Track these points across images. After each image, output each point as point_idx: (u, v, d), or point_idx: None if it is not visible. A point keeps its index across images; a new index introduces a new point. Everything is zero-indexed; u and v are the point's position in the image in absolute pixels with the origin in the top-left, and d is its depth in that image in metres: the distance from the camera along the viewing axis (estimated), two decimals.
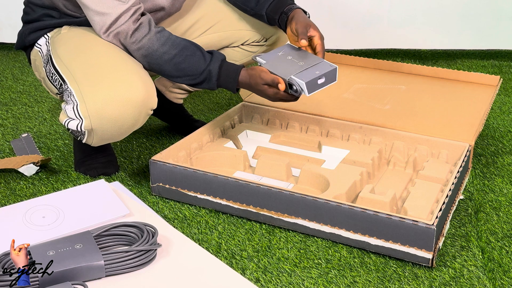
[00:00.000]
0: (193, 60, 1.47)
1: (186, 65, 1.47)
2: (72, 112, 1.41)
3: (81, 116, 1.40)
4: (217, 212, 1.48)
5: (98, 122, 1.39)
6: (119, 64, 1.43)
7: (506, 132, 1.94)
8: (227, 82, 1.50)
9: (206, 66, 1.48)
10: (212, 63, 1.48)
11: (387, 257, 1.32)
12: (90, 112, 1.39)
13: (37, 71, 1.62)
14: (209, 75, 1.48)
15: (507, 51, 2.69)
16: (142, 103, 1.41)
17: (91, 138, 1.44)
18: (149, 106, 1.44)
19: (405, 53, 2.73)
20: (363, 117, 1.75)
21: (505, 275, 1.27)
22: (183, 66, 1.47)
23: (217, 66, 1.48)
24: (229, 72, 1.49)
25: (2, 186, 1.59)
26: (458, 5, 2.60)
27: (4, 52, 2.74)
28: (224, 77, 1.49)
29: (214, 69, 1.48)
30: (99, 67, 1.43)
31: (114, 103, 1.38)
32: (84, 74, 1.43)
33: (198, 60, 1.48)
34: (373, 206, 1.36)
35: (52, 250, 1.19)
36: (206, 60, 1.48)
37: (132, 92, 1.39)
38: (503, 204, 1.53)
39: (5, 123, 1.98)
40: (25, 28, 1.60)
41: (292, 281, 1.24)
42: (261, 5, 1.64)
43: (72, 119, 1.41)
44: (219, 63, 1.49)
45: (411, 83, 2.01)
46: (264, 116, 1.83)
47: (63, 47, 1.51)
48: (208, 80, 1.49)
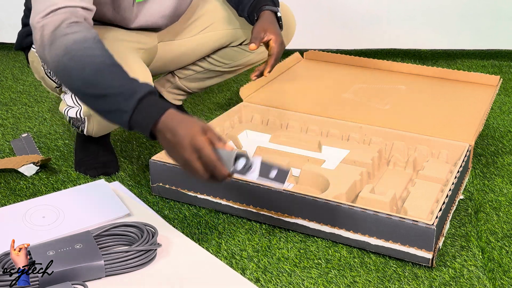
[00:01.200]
0: (113, 73, 1.17)
1: (101, 78, 1.16)
2: (71, 100, 1.41)
3: (79, 102, 1.39)
4: (217, 212, 1.48)
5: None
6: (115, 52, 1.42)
7: (506, 132, 1.94)
8: (144, 117, 1.14)
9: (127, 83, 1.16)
10: (138, 86, 1.16)
11: (387, 257, 1.32)
12: None
13: (36, 71, 1.62)
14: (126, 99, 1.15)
15: (507, 51, 2.69)
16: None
17: (91, 125, 1.43)
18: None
19: (405, 53, 2.73)
20: (363, 117, 1.75)
21: (505, 275, 1.27)
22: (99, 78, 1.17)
23: (143, 91, 1.15)
24: (152, 105, 1.15)
25: (2, 186, 1.59)
26: (458, 5, 2.60)
27: (4, 52, 2.74)
28: (145, 108, 1.14)
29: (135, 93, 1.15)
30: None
31: None
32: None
33: (119, 76, 1.17)
34: (373, 206, 1.36)
35: (52, 250, 1.19)
36: (130, 81, 1.18)
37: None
38: (503, 204, 1.53)
39: (5, 123, 1.98)
40: (23, 30, 1.60)
41: (292, 281, 1.24)
42: (243, 6, 1.63)
43: (71, 107, 1.42)
44: (147, 89, 1.15)
45: (411, 83, 2.01)
46: (264, 116, 1.83)
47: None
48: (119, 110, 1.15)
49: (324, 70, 2.13)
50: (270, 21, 1.54)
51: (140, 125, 1.14)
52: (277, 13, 1.58)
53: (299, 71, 2.12)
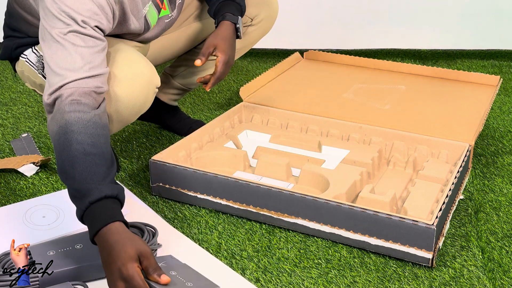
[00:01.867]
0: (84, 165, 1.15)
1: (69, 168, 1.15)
2: None
3: None
4: (217, 212, 1.48)
5: (111, 104, 1.37)
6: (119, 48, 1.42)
7: (506, 132, 1.94)
8: (93, 218, 1.12)
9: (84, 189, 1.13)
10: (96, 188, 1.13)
11: (387, 257, 1.32)
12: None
13: (28, 81, 1.56)
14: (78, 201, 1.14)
15: (507, 51, 2.69)
16: (149, 80, 1.42)
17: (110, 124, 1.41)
18: (154, 83, 1.44)
19: (405, 53, 2.73)
20: (363, 117, 1.75)
21: (505, 275, 1.27)
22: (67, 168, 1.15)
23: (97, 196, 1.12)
24: (104, 210, 1.12)
25: (2, 186, 1.59)
26: (458, 5, 2.60)
27: None
28: (93, 214, 1.12)
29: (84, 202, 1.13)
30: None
31: (123, 83, 1.38)
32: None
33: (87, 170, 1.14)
34: (373, 206, 1.36)
35: (52, 250, 1.19)
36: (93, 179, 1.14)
37: (138, 70, 1.40)
38: (503, 204, 1.53)
39: (5, 123, 1.98)
40: (12, 43, 1.55)
41: (292, 281, 1.24)
42: (210, 7, 1.64)
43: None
44: (103, 194, 1.12)
45: (411, 83, 2.01)
46: (264, 116, 1.83)
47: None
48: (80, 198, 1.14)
49: (324, 70, 2.13)
50: (224, 36, 1.55)
51: (89, 227, 1.12)
52: (236, 24, 1.58)
53: (299, 71, 2.12)
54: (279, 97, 1.89)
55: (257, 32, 1.81)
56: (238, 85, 2.33)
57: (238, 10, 1.61)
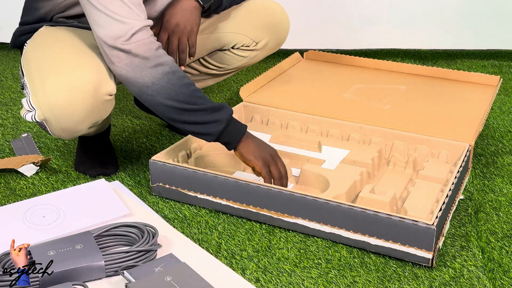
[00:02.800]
0: (203, 95, 1.42)
1: (201, 95, 1.41)
2: (27, 104, 1.40)
3: (34, 106, 1.38)
4: (217, 212, 1.48)
5: (48, 112, 1.37)
6: (72, 54, 1.41)
7: (506, 132, 1.94)
8: (233, 132, 1.44)
9: (218, 105, 1.43)
10: (224, 108, 1.43)
11: (387, 257, 1.32)
12: (40, 102, 1.37)
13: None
14: (219, 115, 1.42)
15: (507, 51, 2.69)
16: (92, 90, 1.37)
17: (52, 128, 1.41)
18: (103, 92, 1.40)
19: (405, 53, 2.73)
20: (363, 117, 1.75)
21: (505, 275, 1.27)
22: (198, 95, 1.41)
23: (229, 113, 1.43)
24: (237, 125, 1.45)
25: (2, 186, 1.59)
26: (458, 5, 2.60)
27: (4, 52, 2.74)
28: (233, 126, 1.44)
29: (225, 113, 1.43)
30: (53, 58, 1.41)
31: (61, 91, 1.35)
32: (38, 66, 1.41)
33: (207, 99, 1.42)
34: (373, 206, 1.36)
35: (52, 250, 1.19)
36: (215, 103, 1.43)
37: (80, 78, 1.36)
38: (503, 204, 1.53)
39: (5, 123, 1.99)
40: (17, 30, 1.59)
41: (292, 281, 1.24)
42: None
43: (28, 111, 1.40)
44: (230, 112, 1.44)
45: (411, 83, 2.01)
46: (264, 116, 1.84)
47: (31, 43, 1.51)
48: (216, 121, 1.41)
49: (324, 70, 2.13)
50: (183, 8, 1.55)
51: (230, 139, 1.43)
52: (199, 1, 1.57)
53: (299, 71, 2.12)
54: (279, 97, 1.89)
55: (261, 55, 1.82)
56: (238, 85, 2.33)
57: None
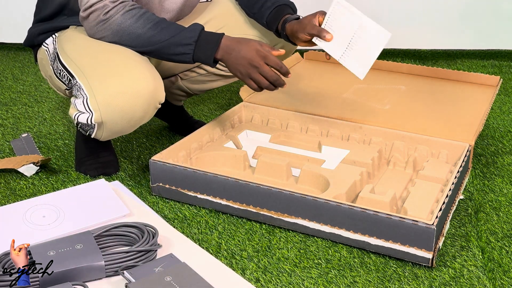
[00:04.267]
0: (168, 30, 1.44)
1: (160, 37, 1.44)
2: (82, 105, 1.42)
3: (91, 109, 1.41)
4: (217, 212, 1.48)
5: (108, 114, 1.41)
6: (127, 58, 1.44)
7: (506, 132, 1.94)
8: (206, 47, 1.44)
9: (180, 31, 1.44)
10: (189, 29, 1.44)
11: (387, 257, 1.32)
12: (100, 105, 1.40)
13: (43, 70, 1.64)
14: (184, 40, 1.43)
15: (507, 51, 2.69)
16: (151, 96, 1.43)
17: (101, 131, 1.45)
18: (157, 99, 1.46)
19: (405, 53, 2.73)
20: (363, 117, 1.75)
21: (505, 275, 1.27)
22: (157, 38, 1.44)
23: (197, 31, 1.44)
24: (208, 37, 1.44)
25: (2, 186, 1.59)
26: (458, 5, 2.61)
27: (4, 52, 2.74)
28: (203, 42, 1.44)
29: (191, 35, 1.43)
30: (107, 61, 1.44)
31: (124, 95, 1.40)
32: (93, 69, 1.44)
33: (173, 29, 1.44)
34: (373, 206, 1.36)
35: (52, 250, 1.19)
36: (181, 28, 1.44)
37: (141, 84, 1.41)
38: (503, 204, 1.53)
39: (5, 123, 1.99)
40: (35, 29, 1.61)
41: (292, 281, 1.24)
42: (263, 13, 1.64)
43: (82, 112, 1.43)
44: (199, 30, 1.44)
45: (411, 83, 2.01)
46: (264, 116, 1.84)
47: (70, 44, 1.52)
48: (183, 45, 1.44)
49: (324, 70, 2.13)
50: (303, 20, 1.59)
51: (206, 53, 1.43)
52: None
53: (299, 71, 2.12)
54: (279, 97, 1.89)
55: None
56: (238, 85, 2.33)
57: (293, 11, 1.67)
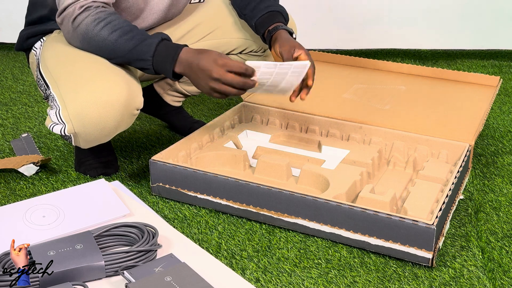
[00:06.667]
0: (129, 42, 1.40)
1: (121, 49, 1.40)
2: (55, 117, 1.41)
3: (63, 120, 1.40)
4: (217, 212, 1.48)
5: (80, 126, 1.39)
6: (101, 68, 1.42)
7: (506, 132, 1.94)
8: (164, 61, 1.39)
9: (139, 43, 1.40)
10: (146, 43, 1.40)
11: (387, 257, 1.32)
12: (71, 116, 1.39)
13: (34, 73, 1.63)
14: (141, 55, 1.39)
15: (507, 51, 2.69)
16: (124, 104, 1.40)
17: (78, 141, 1.44)
18: (132, 107, 1.43)
19: (405, 53, 2.73)
20: (363, 117, 1.75)
21: (505, 275, 1.27)
22: (119, 51, 1.41)
23: (153, 46, 1.39)
24: (167, 51, 1.39)
25: (2, 186, 1.59)
26: (458, 5, 2.61)
27: (4, 52, 2.75)
28: (160, 57, 1.39)
29: (147, 49, 1.39)
30: (81, 72, 1.42)
31: (94, 106, 1.37)
32: (66, 79, 1.43)
33: (135, 40, 1.40)
34: (373, 206, 1.36)
35: (52, 250, 1.19)
36: (142, 39, 1.40)
37: (113, 94, 1.38)
38: (503, 204, 1.53)
39: (5, 123, 1.99)
40: (24, 33, 1.60)
41: (292, 281, 1.24)
42: (254, 14, 1.62)
43: (56, 123, 1.41)
44: (155, 44, 1.39)
45: (411, 83, 2.01)
46: (264, 116, 1.84)
47: (49, 51, 1.52)
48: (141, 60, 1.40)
49: (324, 70, 2.13)
50: (290, 40, 1.53)
51: (164, 66, 1.39)
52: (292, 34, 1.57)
53: None
54: (279, 97, 1.89)
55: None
56: None
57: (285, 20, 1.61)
